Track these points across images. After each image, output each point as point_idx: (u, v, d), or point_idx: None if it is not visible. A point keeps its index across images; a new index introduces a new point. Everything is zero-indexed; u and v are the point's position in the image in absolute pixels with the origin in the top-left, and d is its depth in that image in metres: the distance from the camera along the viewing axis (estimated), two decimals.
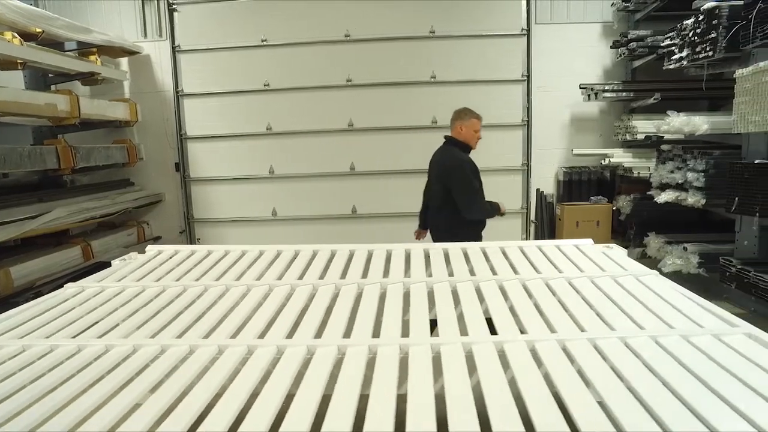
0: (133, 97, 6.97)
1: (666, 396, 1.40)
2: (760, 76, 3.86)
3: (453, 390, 1.44)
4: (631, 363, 1.60)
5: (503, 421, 1.29)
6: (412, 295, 2.26)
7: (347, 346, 1.75)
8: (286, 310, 2.13)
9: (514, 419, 1.30)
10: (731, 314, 1.98)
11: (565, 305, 2.11)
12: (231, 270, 2.77)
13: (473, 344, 1.73)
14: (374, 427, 1.28)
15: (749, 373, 1.51)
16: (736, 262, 4.29)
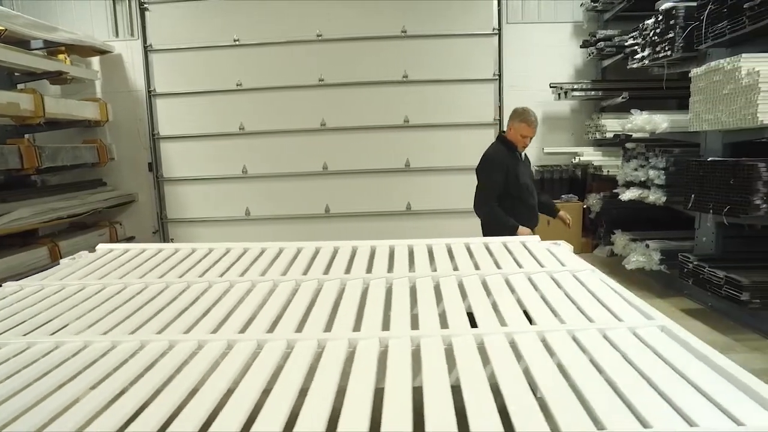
0: (105, 96, 6.92)
1: (556, 387, 1.42)
2: (712, 75, 3.92)
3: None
4: (539, 357, 1.62)
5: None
6: (370, 289, 2.28)
7: (296, 341, 1.77)
8: (232, 305, 2.16)
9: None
10: (652, 308, 2.01)
11: (496, 302, 2.13)
12: (175, 268, 2.77)
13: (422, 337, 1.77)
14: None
15: (652, 365, 1.54)
16: (693, 259, 4.36)
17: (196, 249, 3.16)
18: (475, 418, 1.28)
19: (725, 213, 3.89)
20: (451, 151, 6.77)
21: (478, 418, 1.28)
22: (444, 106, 6.68)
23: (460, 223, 6.87)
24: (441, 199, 6.85)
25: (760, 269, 4.01)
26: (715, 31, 3.91)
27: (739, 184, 3.72)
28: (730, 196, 3.82)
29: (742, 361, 3.53)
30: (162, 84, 6.86)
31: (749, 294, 3.70)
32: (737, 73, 3.63)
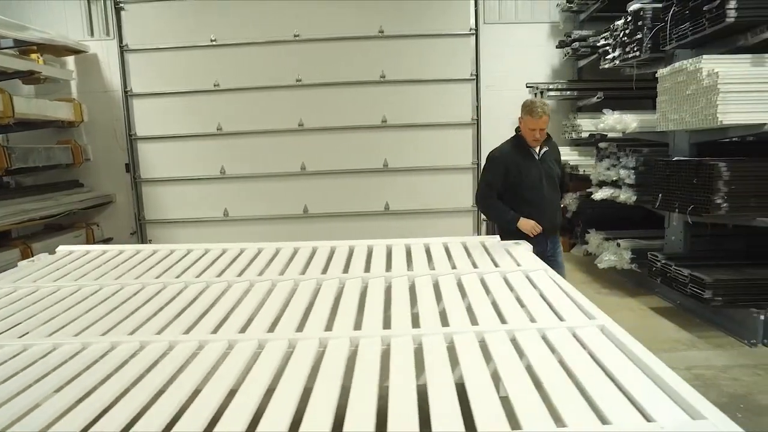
0: (81, 97, 6.86)
1: (481, 386, 1.44)
2: (676, 76, 3.97)
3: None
4: (474, 358, 1.63)
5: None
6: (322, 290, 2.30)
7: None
8: (177, 306, 2.15)
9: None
10: (596, 308, 2.01)
11: (443, 301, 2.15)
12: (133, 269, 2.76)
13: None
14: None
15: (582, 364, 1.56)
16: (661, 257, 4.41)
17: (157, 250, 3.15)
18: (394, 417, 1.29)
19: (689, 212, 3.94)
20: (429, 151, 6.78)
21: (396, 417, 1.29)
22: (421, 107, 6.69)
23: (439, 223, 6.90)
24: (419, 199, 6.87)
25: (725, 267, 4.07)
26: (679, 32, 3.95)
27: (702, 184, 3.77)
28: (694, 195, 3.87)
29: (704, 358, 3.59)
30: (139, 84, 6.81)
31: (712, 292, 3.76)
32: (699, 74, 3.68)
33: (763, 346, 3.69)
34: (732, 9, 3.38)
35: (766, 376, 3.28)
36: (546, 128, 3.20)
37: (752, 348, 3.69)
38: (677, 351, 3.73)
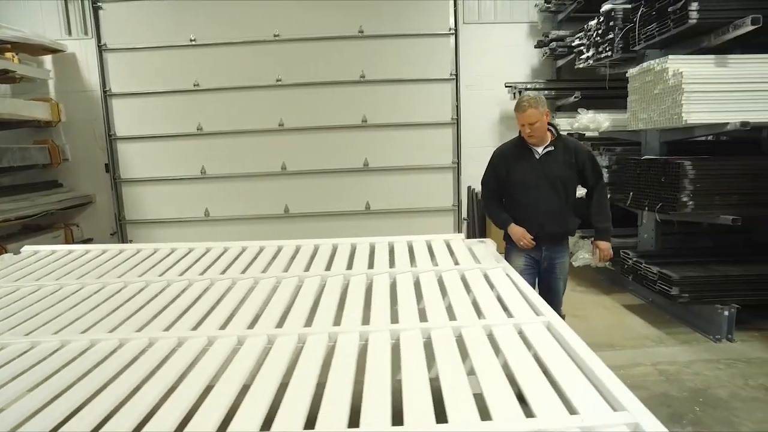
0: (59, 96, 6.80)
1: (417, 382, 1.46)
2: (645, 76, 4.02)
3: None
4: (416, 353, 1.66)
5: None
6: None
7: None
8: (130, 305, 2.15)
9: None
10: (546, 306, 2.04)
11: (397, 299, 2.17)
12: (97, 269, 2.76)
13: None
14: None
15: (520, 360, 1.59)
16: (632, 255, 4.46)
17: (124, 250, 3.15)
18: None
19: (657, 210, 3.99)
20: (409, 151, 6.80)
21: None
22: (401, 106, 6.71)
23: (420, 222, 6.92)
24: (400, 199, 6.88)
25: (693, 265, 4.13)
26: (647, 33, 4.00)
27: (669, 182, 3.82)
28: (662, 193, 3.93)
29: (670, 354, 3.64)
30: (118, 84, 6.76)
31: (678, 288, 3.82)
32: (665, 74, 3.73)
33: (727, 341, 3.75)
34: (694, 11, 3.43)
35: (726, 370, 3.34)
36: (537, 123, 2.86)
37: (717, 343, 3.75)
38: (645, 347, 3.79)
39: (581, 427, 1.22)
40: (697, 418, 2.84)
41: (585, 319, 4.39)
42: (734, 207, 3.72)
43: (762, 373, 3.29)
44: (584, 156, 3.07)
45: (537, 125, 2.88)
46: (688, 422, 2.80)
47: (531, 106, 2.85)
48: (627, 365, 3.50)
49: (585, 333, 3.98)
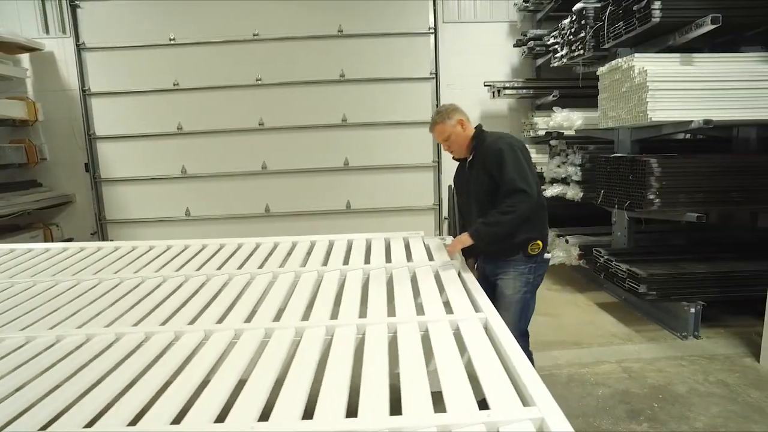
0: (37, 95, 6.77)
1: (338, 376, 1.46)
2: (613, 74, 4.03)
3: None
4: (344, 349, 1.66)
5: None
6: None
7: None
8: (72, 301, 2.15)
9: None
10: (489, 304, 2.02)
11: (342, 295, 2.17)
12: (51, 268, 2.75)
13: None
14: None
15: (446, 356, 1.59)
16: (604, 253, 4.47)
17: (84, 248, 3.14)
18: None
19: (626, 207, 4.00)
20: (389, 150, 6.81)
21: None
22: (381, 105, 6.71)
23: (401, 221, 6.91)
24: (380, 198, 6.88)
25: (663, 262, 4.14)
26: (615, 31, 4.02)
27: (636, 180, 3.84)
28: (630, 191, 3.94)
29: (635, 351, 3.66)
30: (97, 83, 6.74)
31: (646, 286, 3.82)
32: (631, 71, 3.74)
33: (694, 338, 3.77)
34: (657, 9, 3.45)
35: (688, 366, 3.36)
36: (450, 137, 2.56)
37: (683, 341, 3.77)
38: (612, 345, 3.80)
39: (486, 423, 1.22)
40: (654, 414, 2.85)
41: (556, 317, 4.40)
42: (700, 204, 3.73)
43: (723, 369, 3.31)
44: (492, 156, 2.42)
45: (451, 139, 2.57)
46: (645, 418, 2.81)
47: (437, 122, 2.57)
48: (592, 363, 3.51)
49: (554, 331, 4.07)
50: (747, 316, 3.92)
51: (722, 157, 4.02)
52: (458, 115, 2.59)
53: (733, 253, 4.21)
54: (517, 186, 2.32)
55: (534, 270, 2.54)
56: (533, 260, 2.52)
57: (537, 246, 2.49)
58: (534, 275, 2.54)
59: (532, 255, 2.50)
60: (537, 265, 2.54)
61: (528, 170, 2.39)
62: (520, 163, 2.38)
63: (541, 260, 2.56)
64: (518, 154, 2.39)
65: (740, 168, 3.79)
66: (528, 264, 2.52)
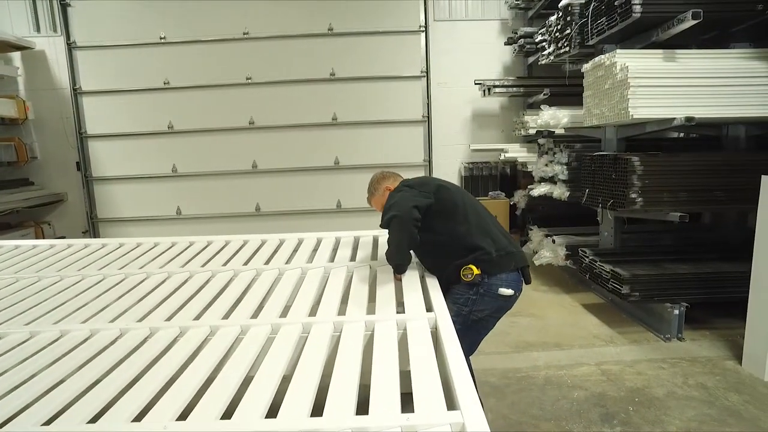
0: (29, 94, 6.80)
1: (268, 375, 1.42)
2: (597, 71, 3.96)
3: None
4: (282, 347, 1.62)
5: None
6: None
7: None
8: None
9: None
10: (443, 305, 1.96)
11: (298, 292, 2.14)
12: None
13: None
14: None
15: (384, 357, 1.54)
16: (589, 253, 4.40)
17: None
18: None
19: (609, 206, 3.93)
20: (380, 149, 6.77)
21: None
22: (372, 104, 6.67)
23: None
24: None
25: (648, 263, 4.06)
26: (598, 27, 3.95)
27: (619, 178, 3.76)
28: (613, 189, 3.87)
29: (616, 353, 3.59)
30: (88, 82, 6.75)
31: (629, 287, 3.75)
32: (614, 68, 3.67)
33: (677, 340, 3.69)
34: (637, 4, 3.37)
35: (669, 369, 3.28)
36: (376, 207, 2.51)
37: (666, 342, 3.69)
38: (593, 347, 3.73)
39: (404, 426, 1.17)
40: (628, 417, 2.79)
41: (540, 318, 4.34)
42: (683, 204, 3.66)
43: (704, 371, 3.24)
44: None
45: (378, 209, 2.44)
46: (618, 422, 2.75)
47: (368, 199, 2.58)
48: (571, 365, 3.44)
49: (537, 332, 4.00)
50: (732, 318, 3.84)
51: (706, 155, 3.94)
52: (384, 182, 2.50)
53: (718, 254, 4.12)
54: (392, 218, 2.14)
55: (472, 303, 2.18)
56: (474, 290, 2.18)
57: (470, 270, 2.15)
58: (472, 308, 2.18)
59: (470, 282, 2.17)
60: (478, 297, 2.18)
61: (395, 199, 2.21)
62: (390, 199, 2.25)
63: (486, 291, 2.18)
64: (391, 196, 2.27)
65: (725, 166, 3.71)
66: (466, 294, 2.19)
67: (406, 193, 2.25)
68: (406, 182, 2.40)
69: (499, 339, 3.87)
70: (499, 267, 2.19)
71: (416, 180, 2.41)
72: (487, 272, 2.18)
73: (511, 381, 3.24)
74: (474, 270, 2.16)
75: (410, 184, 2.35)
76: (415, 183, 2.35)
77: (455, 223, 2.24)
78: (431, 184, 2.35)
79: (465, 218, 2.25)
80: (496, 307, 2.23)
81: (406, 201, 2.18)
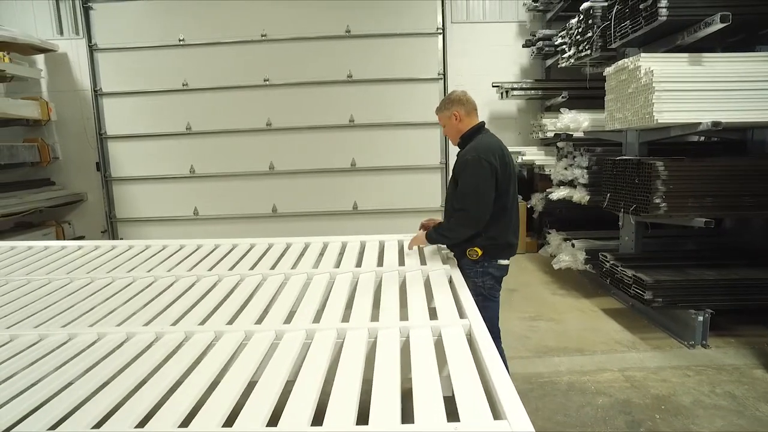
0: (51, 96, 6.91)
1: (307, 383, 1.43)
2: (620, 75, 3.94)
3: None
4: (320, 355, 1.63)
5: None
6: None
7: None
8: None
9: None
10: (475, 311, 1.96)
11: (328, 298, 2.14)
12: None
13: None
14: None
15: (423, 364, 1.54)
16: (610, 258, 4.36)
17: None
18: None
19: (631, 212, 3.90)
20: (397, 151, 6.78)
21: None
22: (389, 106, 6.68)
23: (408, 222, 6.85)
24: (387, 199, 6.85)
25: (671, 268, 4.03)
26: (621, 30, 3.92)
27: (642, 183, 3.73)
28: (636, 194, 3.84)
29: (639, 360, 3.56)
30: (108, 83, 6.84)
31: (652, 293, 3.72)
32: (638, 72, 3.64)
33: (702, 347, 3.65)
34: (663, 8, 3.34)
35: (694, 377, 3.25)
36: (445, 126, 2.66)
37: (690, 349, 3.65)
38: (615, 352, 3.70)
39: None
40: (655, 425, 2.76)
41: (560, 323, 4.31)
42: (708, 209, 3.62)
43: (731, 380, 3.20)
44: (460, 164, 2.51)
45: (445, 129, 2.69)
46: (645, 430, 2.72)
47: (438, 109, 2.67)
48: (593, 370, 3.42)
49: (557, 337, 3.98)
50: (758, 326, 3.79)
51: (733, 160, 3.90)
52: (456, 107, 2.62)
53: (743, 260, 4.07)
54: (462, 204, 2.44)
55: (480, 274, 2.54)
56: (479, 265, 2.53)
57: (474, 252, 2.50)
58: (481, 279, 2.54)
59: (474, 260, 2.52)
60: (483, 269, 2.54)
61: (481, 190, 2.41)
62: (476, 180, 2.41)
63: (489, 265, 2.54)
64: (479, 170, 2.40)
65: (753, 172, 3.66)
66: (474, 268, 2.54)
67: (483, 182, 2.40)
68: (484, 156, 2.41)
69: (520, 343, 3.85)
70: (501, 253, 2.56)
71: (492, 155, 2.42)
72: (489, 255, 2.53)
73: (534, 386, 3.22)
74: (477, 252, 2.51)
75: (485, 161, 2.40)
76: (489, 160, 2.40)
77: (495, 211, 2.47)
78: (508, 168, 2.51)
79: (505, 209, 2.51)
80: (495, 277, 2.58)
81: (486, 193, 2.40)
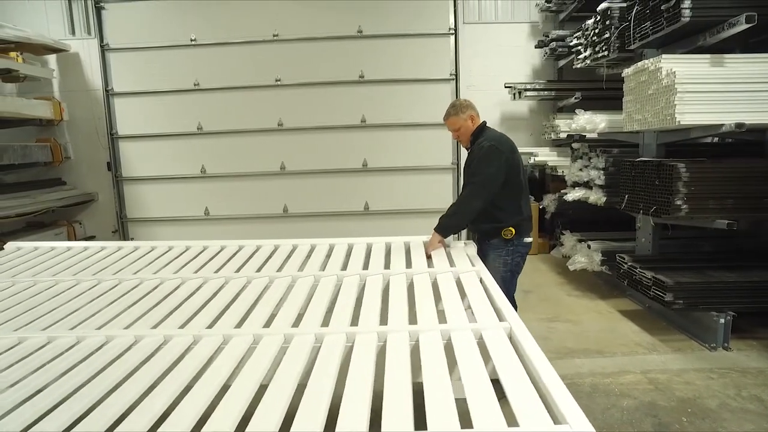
0: (63, 95, 6.90)
1: (355, 387, 1.42)
2: (639, 76, 3.92)
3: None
4: (363, 358, 1.62)
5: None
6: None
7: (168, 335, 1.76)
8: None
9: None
10: (513, 312, 1.96)
11: (362, 301, 2.13)
12: (75, 266, 2.78)
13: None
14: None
15: (468, 366, 1.54)
16: (628, 259, 4.35)
17: (105, 247, 3.18)
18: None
19: (651, 213, 3.89)
20: (408, 151, 6.77)
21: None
22: (400, 106, 6.67)
23: (419, 223, 6.86)
24: (399, 199, 6.84)
25: (691, 270, 4.01)
26: (641, 31, 3.91)
27: (663, 185, 3.72)
28: (656, 196, 3.83)
29: (661, 362, 3.55)
30: (120, 83, 6.84)
31: (672, 295, 3.71)
32: (659, 73, 3.63)
33: (723, 350, 3.64)
34: (687, 8, 3.34)
35: (719, 379, 3.23)
36: (459, 129, 2.94)
37: (712, 352, 3.64)
38: (636, 354, 3.69)
39: None
40: (683, 428, 2.75)
41: (577, 324, 4.30)
42: (730, 211, 3.60)
43: (756, 383, 3.18)
44: (473, 155, 2.91)
45: (461, 131, 2.97)
46: None
47: (451, 114, 2.96)
48: (615, 373, 3.41)
49: (576, 338, 3.97)
50: None
51: (755, 161, 3.88)
52: (470, 111, 2.98)
53: (762, 262, 4.05)
54: (472, 179, 2.83)
55: (511, 253, 2.90)
56: (510, 244, 2.89)
57: (509, 232, 2.85)
58: (512, 257, 2.91)
59: (507, 239, 2.87)
60: (514, 248, 2.90)
61: (493, 168, 2.75)
62: (489, 159, 2.77)
63: (518, 244, 2.91)
64: (493, 153, 2.78)
65: None
66: (505, 247, 2.89)
67: (496, 161, 2.75)
68: (496, 145, 2.81)
69: (540, 344, 3.80)
70: (527, 230, 2.96)
71: (506, 144, 2.88)
72: (520, 234, 2.90)
73: None
74: (512, 231, 2.86)
75: (498, 148, 2.80)
76: (503, 148, 2.82)
77: (513, 191, 2.86)
78: (516, 154, 2.92)
79: (520, 188, 2.92)
80: (523, 254, 2.97)
81: (496, 173, 2.76)
